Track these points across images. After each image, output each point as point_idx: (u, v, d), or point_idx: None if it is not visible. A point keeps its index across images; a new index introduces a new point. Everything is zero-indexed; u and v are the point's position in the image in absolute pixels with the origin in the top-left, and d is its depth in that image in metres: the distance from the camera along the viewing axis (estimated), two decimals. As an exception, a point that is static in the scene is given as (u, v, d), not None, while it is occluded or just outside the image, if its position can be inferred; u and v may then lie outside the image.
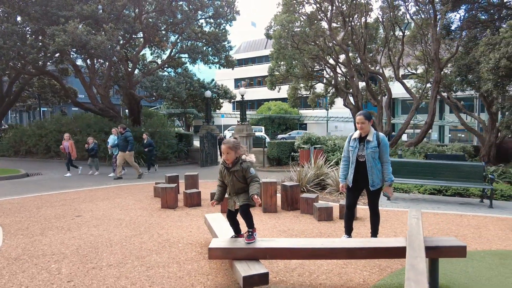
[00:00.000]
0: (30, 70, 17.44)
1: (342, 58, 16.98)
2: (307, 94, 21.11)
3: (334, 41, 15.39)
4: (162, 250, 4.29)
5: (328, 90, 20.80)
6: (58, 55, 15.70)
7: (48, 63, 17.91)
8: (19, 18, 15.33)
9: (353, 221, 4.49)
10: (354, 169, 4.20)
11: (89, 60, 16.01)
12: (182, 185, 8.16)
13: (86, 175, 11.74)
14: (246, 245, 3.21)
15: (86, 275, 3.55)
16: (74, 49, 14.40)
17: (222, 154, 3.67)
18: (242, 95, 17.43)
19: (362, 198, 6.78)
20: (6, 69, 15.29)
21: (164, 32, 17.24)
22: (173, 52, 18.18)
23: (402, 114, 35.23)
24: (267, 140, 20.42)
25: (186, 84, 17.47)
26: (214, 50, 17.90)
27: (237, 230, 3.73)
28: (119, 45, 15.55)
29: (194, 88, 18.23)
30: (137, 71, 18.87)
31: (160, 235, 4.88)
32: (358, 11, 15.67)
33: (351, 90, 16.17)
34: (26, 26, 14.93)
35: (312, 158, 10.29)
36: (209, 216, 4.52)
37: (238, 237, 3.65)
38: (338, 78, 17.81)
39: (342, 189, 4.43)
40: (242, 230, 3.72)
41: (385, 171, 4.17)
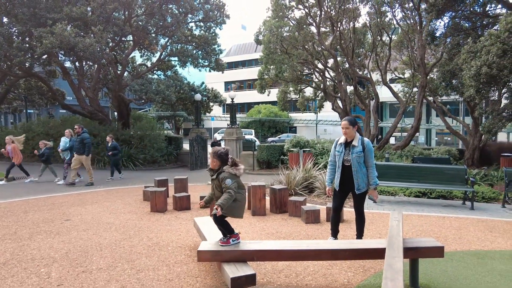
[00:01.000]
0: (17, 72, 17.21)
1: (331, 62, 17.24)
2: (297, 98, 21.35)
3: (322, 46, 15.65)
4: (151, 253, 4.34)
5: (317, 94, 21.07)
6: (45, 57, 15.55)
7: (35, 65, 17.72)
8: (6, 20, 15.15)
9: (339, 223, 4.63)
10: (340, 173, 4.34)
11: (77, 62, 15.91)
12: (171, 188, 8.20)
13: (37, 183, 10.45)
14: (234, 247, 3.30)
15: (76, 279, 3.59)
16: (62, 51, 14.29)
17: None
18: (232, 98, 17.53)
19: (348, 201, 6.93)
20: (-9, 71, 15.09)
21: (154, 35, 17.24)
22: (163, 55, 18.19)
23: (390, 118, 35.80)
24: (257, 143, 20.54)
25: (175, 87, 17.51)
26: (204, 53, 17.97)
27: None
28: (108, 47, 15.50)
29: (184, 91, 18.29)
30: (126, 74, 18.80)
31: (149, 239, 4.93)
32: (346, 17, 15.97)
33: (339, 94, 16.43)
34: (13, 27, 14.76)
35: (301, 161, 10.45)
36: (198, 219, 4.60)
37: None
38: (326, 82, 18.07)
39: (329, 192, 4.56)
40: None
41: (370, 175, 4.31)
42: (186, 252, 4.39)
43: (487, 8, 11.83)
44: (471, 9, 11.11)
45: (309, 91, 22.14)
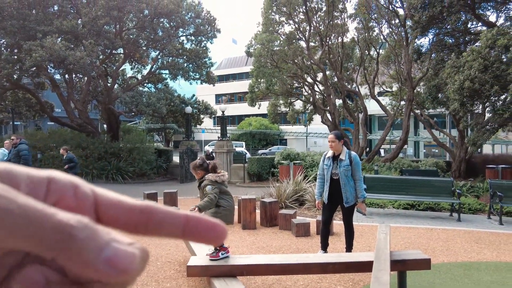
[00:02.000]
0: (4, 84, 17.01)
1: (320, 76, 17.54)
2: (287, 111, 21.55)
3: (312, 60, 15.94)
4: (140, 268, 4.28)
5: (306, 107, 21.32)
6: (34, 69, 15.45)
7: (23, 77, 17.55)
8: (-6, 32, 15.07)
9: (329, 236, 4.66)
10: (329, 186, 4.40)
11: (67, 74, 15.84)
12: (161, 202, 8.13)
13: None
14: (223, 262, 3.29)
15: (62, 296, 3.51)
16: (52, 64, 14.22)
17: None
18: (223, 111, 17.61)
19: (338, 213, 6.97)
20: (-22, 83, 14.91)
21: (145, 48, 17.33)
22: (153, 68, 18.25)
23: (379, 130, 36.32)
24: (248, 155, 20.56)
25: (166, 99, 17.51)
26: (195, 66, 18.10)
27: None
28: (99, 60, 15.50)
29: (174, 103, 18.32)
30: (116, 86, 18.76)
31: (138, 254, 4.86)
32: (335, 32, 16.34)
33: (329, 108, 16.67)
34: (1, 39, 14.67)
35: (291, 174, 10.50)
36: (188, 233, 4.57)
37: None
38: (316, 96, 18.33)
39: (318, 205, 4.61)
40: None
41: (358, 188, 4.38)
42: (175, 267, 4.34)
43: (469, 25, 12.28)
44: (454, 26, 11.52)
45: (299, 104, 22.39)
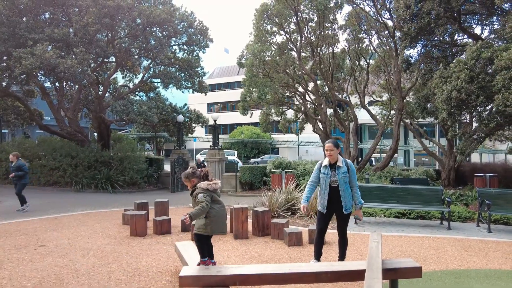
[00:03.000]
0: (-8, 91, 16.78)
1: (311, 86, 17.73)
2: (278, 120, 21.67)
3: (303, 70, 16.13)
4: (131, 279, 4.22)
5: (298, 116, 21.46)
6: (24, 77, 15.28)
7: (12, 84, 17.33)
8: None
9: (323, 246, 4.63)
10: (328, 194, 4.37)
11: (58, 82, 15.70)
12: (152, 212, 8.04)
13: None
14: (216, 272, 3.27)
15: (50, 309, 3.43)
16: (42, 72, 14.10)
17: None
18: (215, 120, 17.62)
19: (331, 223, 6.99)
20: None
21: (137, 57, 17.32)
22: (145, 76, 18.23)
23: (369, 139, 36.69)
24: (240, 164, 20.54)
25: (158, 108, 17.47)
26: (187, 75, 18.14)
27: (209, 254, 3.91)
28: (90, 68, 15.42)
29: (166, 112, 18.28)
30: (108, 95, 18.65)
31: (129, 264, 4.79)
32: (325, 42, 16.61)
33: (320, 117, 16.82)
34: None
35: (283, 182, 10.51)
36: (179, 244, 4.53)
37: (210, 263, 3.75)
38: (307, 105, 18.49)
39: (303, 209, 4.58)
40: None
41: (355, 195, 4.41)
42: (167, 277, 4.29)
43: (455, 37, 12.62)
44: (441, 38, 11.81)
45: (290, 113, 22.54)
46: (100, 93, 17.24)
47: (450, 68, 9.31)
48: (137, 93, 20.22)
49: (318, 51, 16.23)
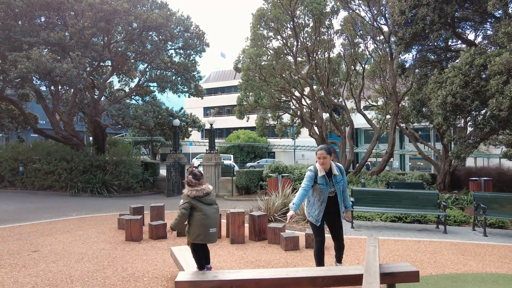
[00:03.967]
0: (-14, 95, 16.63)
1: (307, 90, 17.80)
2: (275, 124, 21.71)
3: (299, 74, 16.20)
4: (126, 285, 4.17)
5: (294, 121, 21.52)
6: (19, 80, 15.18)
7: (7, 87, 17.19)
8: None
9: (324, 258, 4.35)
10: (325, 206, 4.12)
11: (53, 86, 15.61)
12: (147, 216, 7.98)
13: None
14: (212, 277, 3.24)
15: (43, 315, 3.38)
16: (37, 75, 14.01)
17: None
18: (211, 124, 17.60)
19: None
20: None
21: (133, 61, 17.29)
22: (141, 80, 18.19)
23: (365, 143, 36.84)
24: (236, 168, 20.50)
25: (154, 112, 17.41)
26: (183, 79, 18.11)
27: (206, 260, 3.88)
28: (86, 72, 15.36)
29: (162, 116, 18.20)
30: (103, 99, 18.57)
31: (124, 269, 4.74)
32: (321, 47, 16.70)
33: (316, 121, 16.87)
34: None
35: (280, 187, 10.49)
36: (175, 249, 4.49)
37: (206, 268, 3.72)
38: (303, 110, 18.55)
39: (290, 219, 4.06)
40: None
41: (345, 198, 4.32)
42: (162, 283, 4.24)
43: (449, 42, 12.75)
44: (435, 43, 11.93)
45: (286, 118, 22.60)
46: (95, 97, 17.17)
47: (445, 73, 9.39)
48: (133, 97, 20.15)
49: (314, 56, 16.32)
